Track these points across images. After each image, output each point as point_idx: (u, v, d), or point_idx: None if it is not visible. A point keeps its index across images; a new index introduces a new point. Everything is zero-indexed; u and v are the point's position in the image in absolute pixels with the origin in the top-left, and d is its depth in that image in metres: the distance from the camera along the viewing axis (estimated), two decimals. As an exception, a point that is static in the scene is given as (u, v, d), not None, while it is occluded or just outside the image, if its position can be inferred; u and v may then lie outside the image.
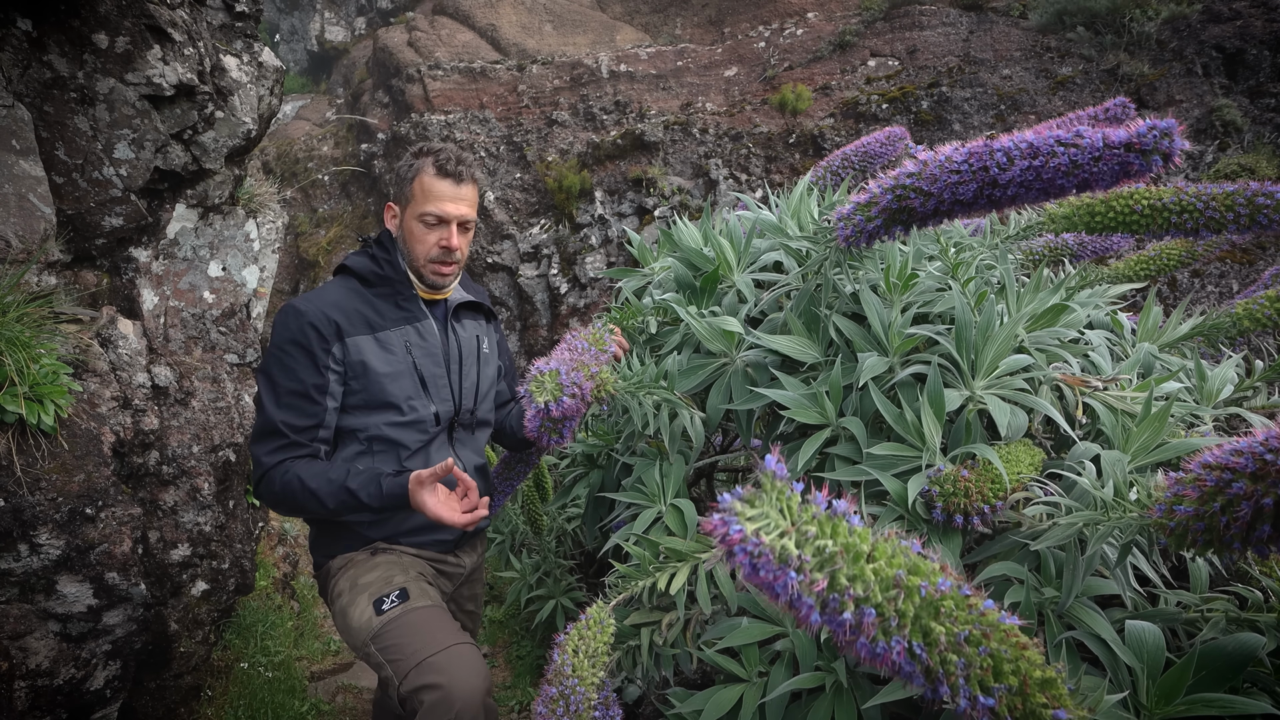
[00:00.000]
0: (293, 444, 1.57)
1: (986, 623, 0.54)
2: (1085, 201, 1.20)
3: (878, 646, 0.54)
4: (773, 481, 0.57)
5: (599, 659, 1.01)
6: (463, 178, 1.67)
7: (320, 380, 1.59)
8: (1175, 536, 0.71)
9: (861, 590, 0.54)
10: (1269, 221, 1.05)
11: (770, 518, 0.55)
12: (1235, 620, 0.95)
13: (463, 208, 1.67)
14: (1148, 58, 6.46)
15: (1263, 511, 0.62)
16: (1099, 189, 0.87)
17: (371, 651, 1.48)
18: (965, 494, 0.96)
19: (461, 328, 1.80)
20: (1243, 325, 1.42)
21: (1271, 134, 5.82)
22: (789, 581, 0.53)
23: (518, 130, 7.61)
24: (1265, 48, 6.12)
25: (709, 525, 0.56)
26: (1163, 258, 1.66)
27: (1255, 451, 0.63)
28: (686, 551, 1.22)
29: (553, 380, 1.12)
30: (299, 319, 1.59)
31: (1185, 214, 1.09)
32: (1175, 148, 0.81)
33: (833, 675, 1.06)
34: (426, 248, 1.66)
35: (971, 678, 0.53)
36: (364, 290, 1.69)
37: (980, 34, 7.14)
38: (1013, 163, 0.89)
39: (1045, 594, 0.97)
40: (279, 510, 1.60)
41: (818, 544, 0.54)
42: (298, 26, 11.37)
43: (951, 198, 0.95)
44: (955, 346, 1.14)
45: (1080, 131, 0.85)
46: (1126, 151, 0.82)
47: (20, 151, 1.83)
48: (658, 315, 1.63)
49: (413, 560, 1.67)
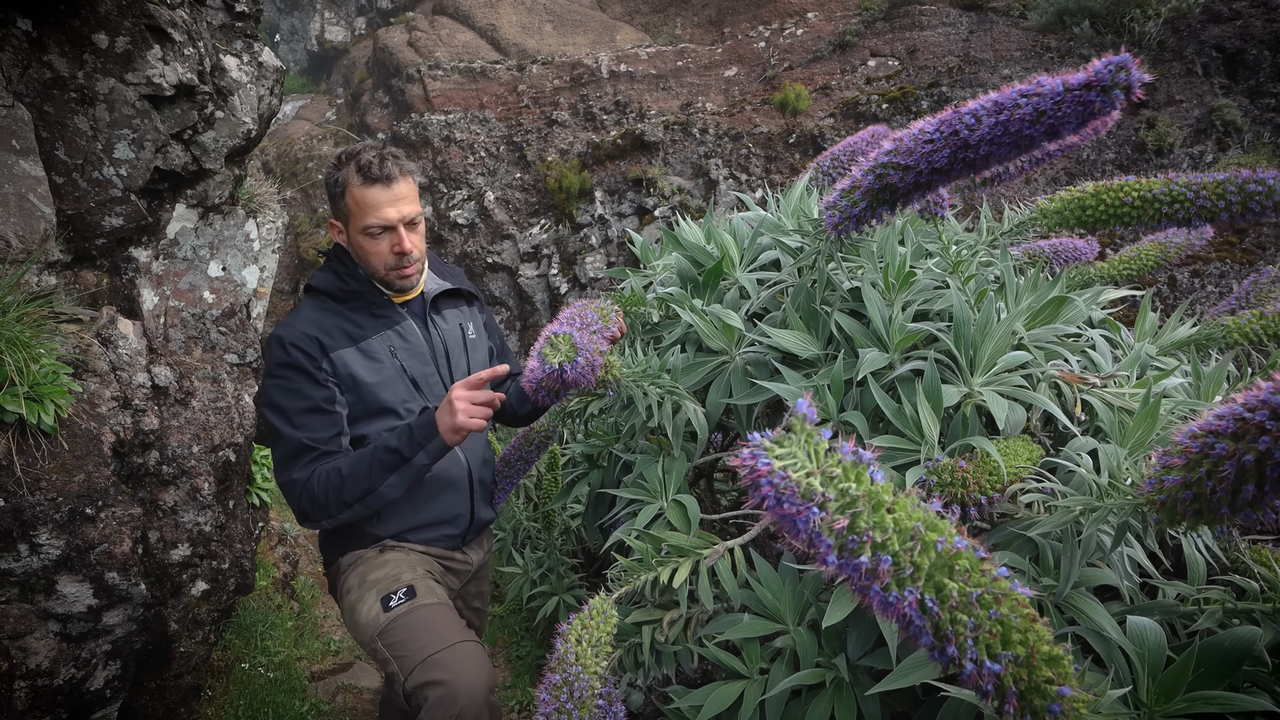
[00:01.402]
0: (321, 454, 1.57)
1: (999, 588, 0.54)
2: (1075, 195, 1.20)
3: (890, 595, 0.54)
4: (802, 424, 0.58)
5: (602, 648, 1.02)
6: (392, 177, 1.58)
7: (326, 392, 1.60)
8: (1166, 510, 0.71)
9: (880, 536, 0.54)
10: (1261, 209, 1.05)
11: (798, 457, 0.56)
12: (1232, 611, 0.95)
13: (403, 207, 1.60)
14: (1148, 58, 6.46)
15: (1245, 470, 0.62)
16: (1067, 133, 0.87)
17: (378, 647, 1.49)
18: (963, 484, 0.97)
19: (443, 319, 1.79)
20: (1232, 339, 1.44)
21: (1271, 134, 5.82)
22: (811, 517, 0.54)
23: (518, 130, 7.62)
24: (1265, 48, 6.12)
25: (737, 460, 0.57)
26: (1140, 258, 1.69)
27: (1235, 413, 0.63)
28: (689, 547, 1.22)
29: (567, 343, 1.12)
30: (281, 345, 1.59)
31: (1176, 204, 1.09)
32: (1134, 79, 0.81)
33: (833, 672, 1.06)
34: (381, 258, 1.62)
35: (980, 640, 0.53)
36: (337, 306, 1.67)
37: (980, 34, 7.14)
38: (980, 122, 0.90)
39: (1043, 584, 0.97)
40: (327, 514, 1.56)
41: (841, 486, 0.55)
42: (298, 26, 11.38)
43: (929, 167, 0.96)
44: (954, 343, 1.14)
45: (1040, 81, 0.86)
46: (1086, 90, 0.82)
47: (20, 151, 1.83)
48: (660, 308, 1.63)
49: (421, 558, 1.68)
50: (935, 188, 1.01)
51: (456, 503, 1.74)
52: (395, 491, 1.55)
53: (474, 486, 1.77)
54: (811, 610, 1.16)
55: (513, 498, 3.35)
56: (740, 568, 1.22)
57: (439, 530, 1.71)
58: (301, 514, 1.59)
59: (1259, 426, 0.60)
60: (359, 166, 1.57)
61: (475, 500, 1.77)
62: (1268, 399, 0.60)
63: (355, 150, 1.61)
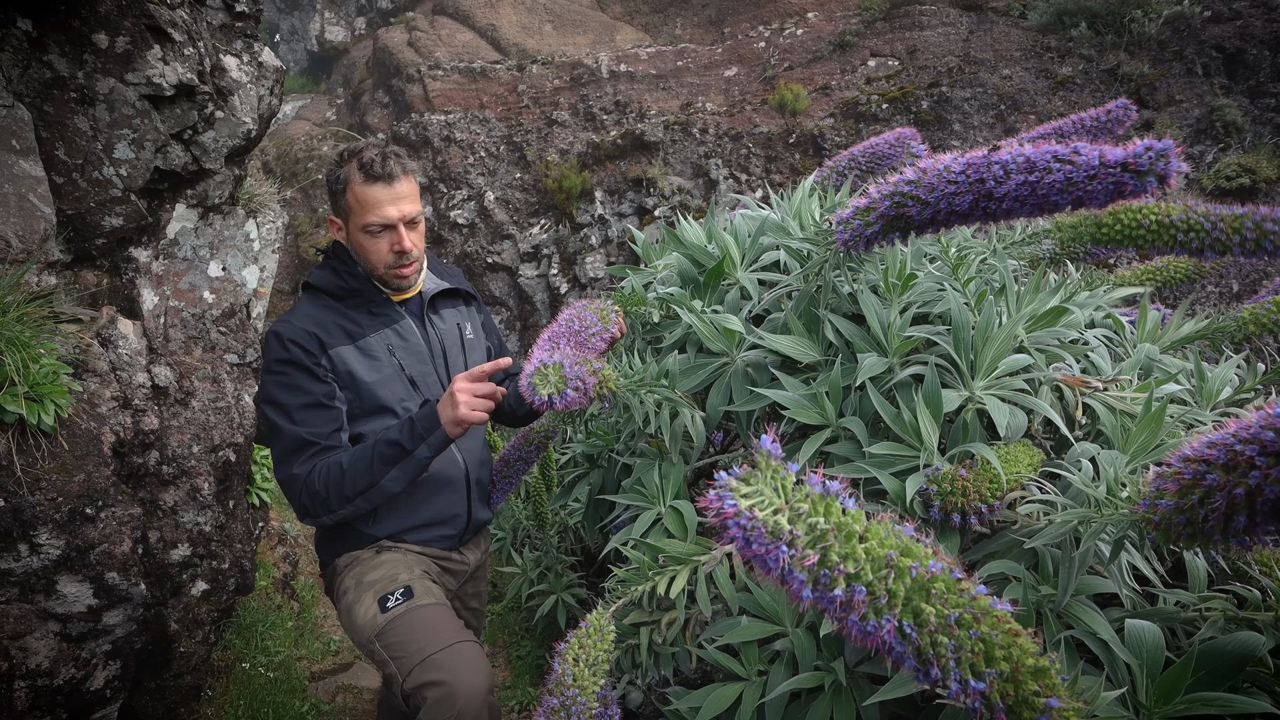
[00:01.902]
0: (322, 449, 1.56)
1: (978, 607, 0.54)
2: (1094, 213, 1.20)
3: (868, 625, 0.54)
4: (768, 461, 0.58)
5: (599, 667, 1.01)
6: (394, 175, 1.58)
7: (326, 388, 1.59)
8: (1161, 530, 0.71)
9: (853, 568, 0.54)
10: (1275, 248, 1.04)
11: (764, 495, 0.57)
12: (1234, 619, 0.95)
13: (404, 206, 1.59)
14: (1148, 58, 6.46)
15: (1236, 502, 0.62)
16: (1093, 206, 0.87)
17: (376, 649, 1.49)
18: (963, 493, 0.97)
19: (441, 319, 1.79)
20: (1248, 330, 1.41)
21: (1271, 134, 5.82)
22: (780, 555, 0.55)
23: (518, 130, 7.62)
24: (1265, 48, 6.12)
25: (705, 501, 0.57)
26: (1169, 270, 1.65)
27: (1226, 443, 0.63)
28: (686, 554, 1.22)
29: (556, 373, 1.12)
30: (280, 341, 1.58)
31: (1192, 233, 1.08)
32: (1171, 169, 0.80)
33: (832, 675, 1.06)
34: (380, 256, 1.62)
35: (963, 661, 0.53)
36: (335, 304, 1.66)
37: (980, 34, 7.14)
38: (1009, 176, 0.89)
39: (1043, 591, 0.97)
40: (328, 510, 1.55)
41: (810, 521, 0.55)
42: (298, 26, 11.37)
43: (948, 208, 0.95)
44: (953, 347, 1.14)
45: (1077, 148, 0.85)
46: (1122, 171, 0.82)
47: (20, 151, 1.83)
48: (660, 308, 1.63)
49: (418, 558, 1.68)
50: (950, 226, 1.00)
51: (453, 503, 1.73)
52: (397, 485, 1.54)
53: (471, 486, 1.76)
54: (809, 613, 1.16)
55: (512, 497, 3.35)
56: (739, 572, 1.22)
57: (435, 530, 1.71)
58: (302, 510, 1.58)
59: (1249, 461, 0.60)
60: (361, 164, 1.57)
61: (472, 500, 1.77)
62: (1257, 434, 0.60)
63: (357, 148, 1.60)
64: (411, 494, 1.65)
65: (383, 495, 1.55)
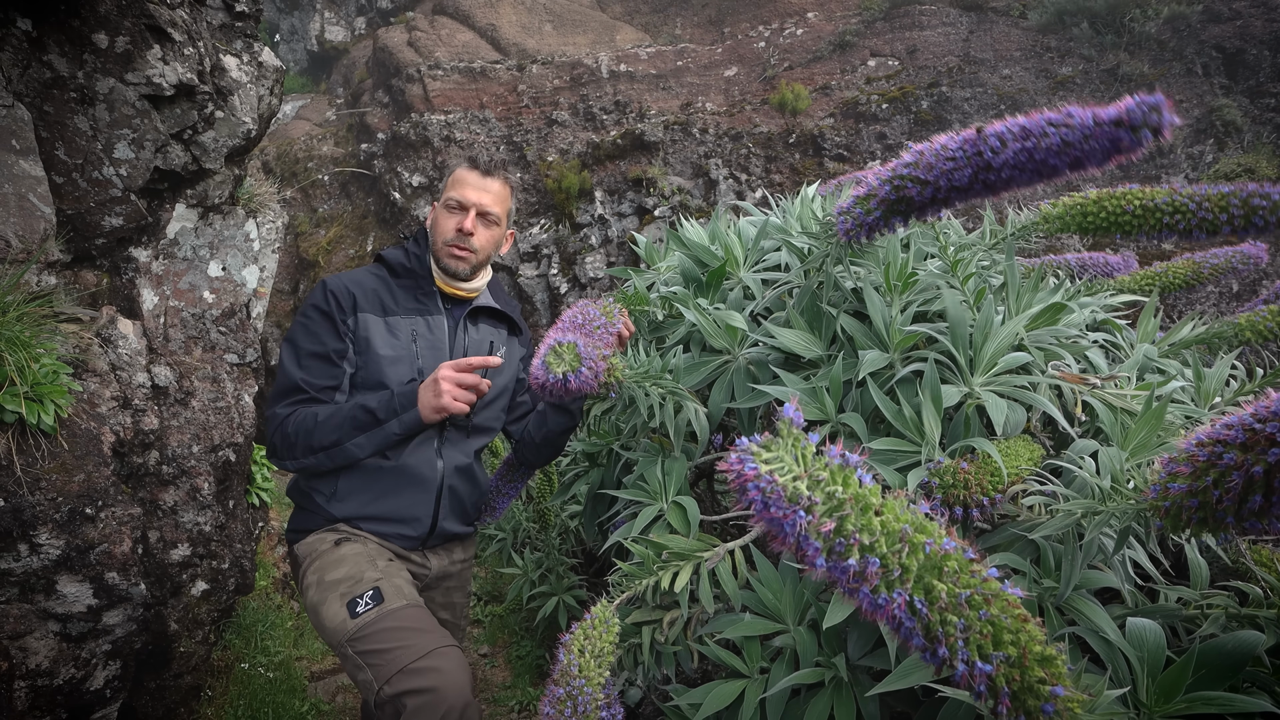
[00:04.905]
0: (310, 399, 1.63)
1: (989, 589, 0.54)
2: (1078, 201, 1.20)
3: (879, 597, 0.54)
4: (789, 429, 0.58)
5: (605, 659, 1.01)
6: (490, 171, 1.75)
7: (340, 345, 1.66)
8: (1170, 517, 0.71)
9: (868, 539, 0.54)
10: (1265, 224, 1.04)
11: (785, 461, 0.57)
12: (1235, 616, 0.95)
13: (484, 197, 1.72)
14: (1148, 58, 6.46)
15: (1253, 480, 0.62)
16: (1091, 167, 0.87)
17: (348, 654, 1.44)
18: (964, 486, 0.97)
19: (475, 330, 1.80)
20: (1244, 336, 1.41)
21: (1271, 134, 5.82)
22: (798, 520, 0.55)
23: (518, 130, 7.61)
24: (1265, 48, 6.13)
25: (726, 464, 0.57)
26: (1168, 275, 1.64)
27: (1245, 423, 0.63)
28: (689, 550, 1.22)
29: (571, 351, 1.13)
30: (323, 289, 1.70)
31: (1178, 214, 1.08)
32: (1165, 122, 0.81)
33: (833, 671, 1.06)
34: (445, 231, 1.73)
35: (971, 641, 0.53)
36: (389, 279, 1.77)
37: (980, 34, 7.15)
38: (1006, 145, 0.90)
39: (1045, 585, 0.97)
40: (293, 455, 1.60)
41: (828, 489, 0.55)
42: (298, 26, 11.37)
43: (948, 184, 0.96)
44: (952, 343, 1.14)
45: (1070, 111, 0.86)
46: (1116, 127, 0.82)
47: (20, 151, 1.83)
48: (664, 307, 1.63)
49: (378, 549, 1.63)
50: (952, 204, 1.00)
51: (418, 505, 1.68)
52: (361, 452, 1.58)
53: (442, 493, 1.71)
54: (811, 610, 1.16)
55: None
56: (741, 569, 1.22)
57: (394, 527, 1.66)
58: (271, 448, 1.65)
59: (1269, 438, 0.60)
60: (470, 157, 1.76)
61: (441, 508, 1.71)
62: (1278, 410, 0.60)
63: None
64: (377, 479, 1.63)
65: (345, 457, 1.58)
